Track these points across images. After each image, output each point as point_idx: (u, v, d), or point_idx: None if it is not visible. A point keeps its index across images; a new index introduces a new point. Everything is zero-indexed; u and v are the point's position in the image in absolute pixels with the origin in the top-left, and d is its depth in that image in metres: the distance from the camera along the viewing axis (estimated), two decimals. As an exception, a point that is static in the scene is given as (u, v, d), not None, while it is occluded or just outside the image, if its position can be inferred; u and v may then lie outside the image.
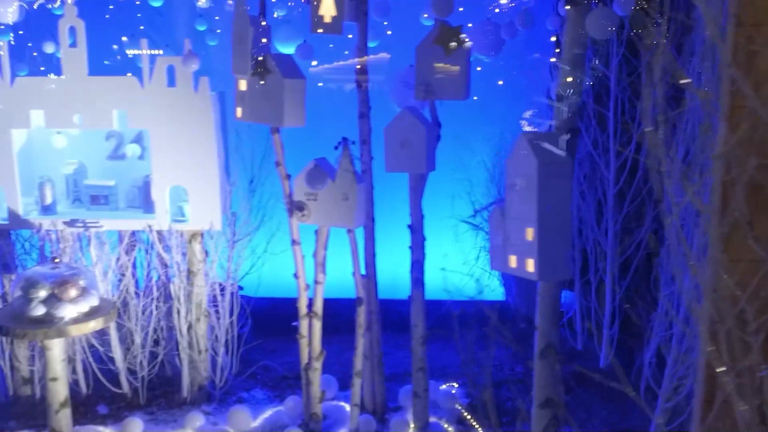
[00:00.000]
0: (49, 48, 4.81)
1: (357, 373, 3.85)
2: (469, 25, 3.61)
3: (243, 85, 3.57)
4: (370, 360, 4.17)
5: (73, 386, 4.31)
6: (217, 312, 4.40)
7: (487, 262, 5.55)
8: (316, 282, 3.82)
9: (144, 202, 4.32)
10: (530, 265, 2.76)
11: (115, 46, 5.28)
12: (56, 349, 3.61)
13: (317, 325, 3.86)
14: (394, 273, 4.52)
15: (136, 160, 4.44)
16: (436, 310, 5.45)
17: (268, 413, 4.19)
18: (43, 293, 3.52)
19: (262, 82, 3.36)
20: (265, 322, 5.00)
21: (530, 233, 2.74)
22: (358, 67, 3.78)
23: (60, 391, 3.66)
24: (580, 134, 4.29)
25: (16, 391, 4.41)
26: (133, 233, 4.43)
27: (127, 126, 4.10)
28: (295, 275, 3.89)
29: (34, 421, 4.20)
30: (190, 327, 4.33)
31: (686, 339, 3.66)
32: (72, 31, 3.95)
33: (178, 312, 4.29)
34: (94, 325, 3.60)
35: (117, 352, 4.35)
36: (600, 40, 4.18)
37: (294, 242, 3.85)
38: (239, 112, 3.64)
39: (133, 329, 4.31)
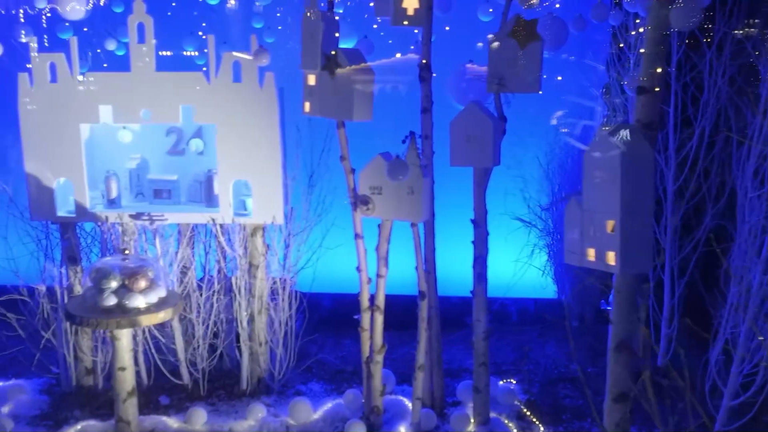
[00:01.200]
0: (110, 45, 4.92)
1: (420, 366, 3.86)
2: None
3: (312, 80, 3.61)
4: (430, 355, 4.17)
5: (135, 377, 4.37)
6: (275, 305, 4.44)
7: (536, 259, 5.55)
8: (378, 276, 3.85)
9: (206, 196, 4.38)
10: (611, 258, 2.75)
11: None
12: (125, 339, 3.68)
13: (379, 318, 3.88)
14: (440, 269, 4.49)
15: (195, 155, 4.50)
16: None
17: (327, 406, 4.22)
18: (114, 284, 3.60)
19: (335, 75, 3.39)
20: (318, 316, 5.04)
21: (612, 226, 2.73)
22: (424, 61, 3.79)
23: (127, 380, 3.73)
24: (660, 126, 4.24)
25: (79, 381, 4.50)
26: (193, 227, 4.50)
27: (193, 121, 4.16)
28: (358, 269, 3.92)
29: (98, 411, 4.29)
30: (250, 320, 4.38)
31: (755, 336, 3.63)
32: (140, 27, 4.02)
33: (239, 305, 4.35)
34: (164, 315, 3.66)
35: (179, 344, 4.41)
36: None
37: (357, 236, 3.88)
38: (307, 106, 3.68)
39: (194, 321, 4.37)
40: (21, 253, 4.37)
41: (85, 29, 4.58)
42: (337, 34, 3.41)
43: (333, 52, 3.39)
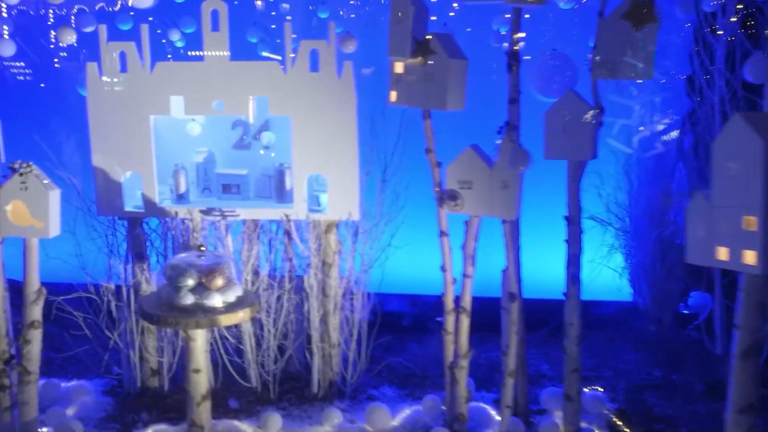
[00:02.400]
0: (174, 36, 4.78)
1: (510, 373, 3.65)
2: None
3: (399, 67, 3.42)
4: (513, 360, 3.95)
5: (203, 379, 4.22)
6: (349, 306, 4.26)
7: (611, 261, 5.29)
8: (464, 275, 3.64)
9: (277, 191, 4.20)
10: (750, 257, 2.51)
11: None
12: (200, 339, 3.51)
13: (465, 321, 3.67)
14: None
15: (261, 148, 4.33)
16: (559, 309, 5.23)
17: (406, 412, 4.02)
18: (191, 282, 3.42)
19: (429, 63, 3.19)
20: (384, 318, 4.83)
21: (751, 222, 2.49)
22: (516, 48, 3.57)
23: (202, 383, 3.55)
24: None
25: (144, 382, 4.35)
26: (257, 223, 4.32)
27: (269, 113, 3.98)
28: (443, 268, 3.72)
29: (166, 414, 4.13)
30: (322, 320, 4.20)
31: None
32: (214, 14, 3.85)
33: (312, 304, 4.16)
34: (242, 315, 3.48)
35: (248, 345, 4.24)
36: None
37: (442, 233, 3.68)
38: (394, 96, 3.48)
39: (265, 322, 4.20)
40: (88, 249, 4.23)
41: (150, 18, 4.42)
42: (433, 17, 3.19)
43: (431, 36, 3.18)
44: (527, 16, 4.51)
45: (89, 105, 4.02)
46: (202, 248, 3.57)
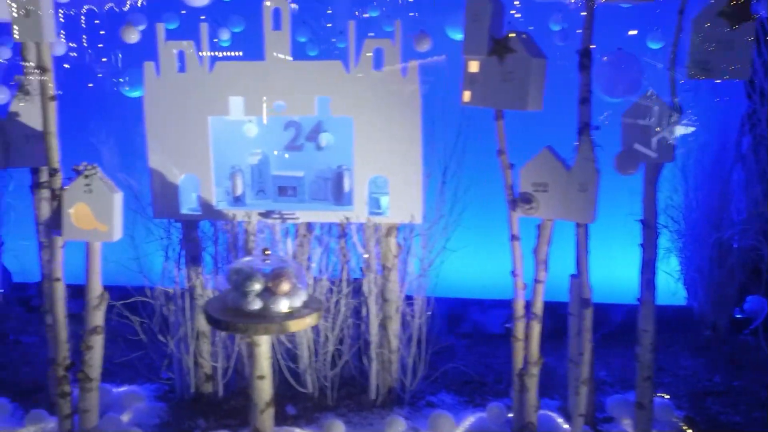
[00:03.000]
0: (224, 35, 4.69)
1: (584, 381, 3.54)
2: None
3: (474, 66, 3.32)
4: (581, 368, 3.86)
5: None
6: (409, 311, 4.17)
7: (666, 264, 5.19)
8: (536, 281, 3.55)
9: (334, 193, 4.11)
10: None
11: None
12: (265, 345, 3.42)
13: (536, 327, 3.58)
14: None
15: (314, 150, 4.24)
16: (612, 313, 5.14)
17: (470, 420, 3.93)
18: (258, 287, 3.34)
19: (507, 62, 3.09)
20: (440, 323, 4.75)
21: None
22: (589, 47, 3.47)
23: (266, 389, 3.47)
24: None
25: (198, 388, 4.26)
26: (310, 226, 4.23)
27: (330, 113, 3.89)
28: (513, 273, 3.62)
29: (222, 420, 4.05)
30: (381, 325, 4.11)
31: None
32: (276, 12, 3.76)
33: (370, 309, 4.07)
34: (310, 321, 3.39)
35: (305, 350, 4.16)
36: None
37: (513, 237, 3.58)
38: (467, 96, 3.39)
39: (323, 327, 4.11)
40: (144, 252, 4.14)
41: (203, 17, 4.32)
42: (519, 15, 3.10)
43: (512, 34, 3.09)
44: (583, 14, 4.43)
45: (146, 106, 3.94)
46: (267, 252, 3.48)
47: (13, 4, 3.01)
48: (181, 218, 4.09)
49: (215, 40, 4.50)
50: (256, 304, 3.30)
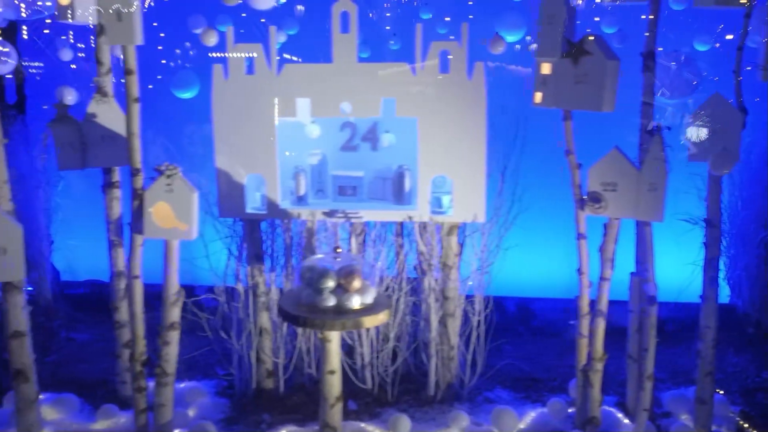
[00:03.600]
0: (280, 38, 4.77)
1: (648, 376, 3.63)
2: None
3: (546, 68, 3.41)
4: (639, 363, 3.94)
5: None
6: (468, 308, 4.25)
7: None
8: (602, 278, 3.62)
9: (395, 193, 4.19)
10: None
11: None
12: (335, 341, 3.50)
13: (601, 324, 3.65)
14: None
15: (369, 150, 4.32)
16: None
17: (531, 415, 4.01)
18: (331, 284, 3.42)
19: (581, 64, 3.18)
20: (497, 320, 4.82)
21: None
22: (653, 49, 3.55)
23: (336, 384, 3.55)
24: None
25: (259, 384, 4.35)
26: (366, 226, 4.32)
27: (396, 114, 3.97)
28: (579, 271, 3.70)
29: (286, 414, 4.13)
30: (441, 322, 4.19)
31: None
32: (344, 15, 3.85)
33: (431, 307, 4.15)
34: (382, 317, 3.46)
35: (366, 346, 4.24)
36: None
37: (580, 236, 3.66)
38: (539, 97, 3.48)
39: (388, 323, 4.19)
40: (211, 251, 4.22)
41: (263, 20, 4.40)
42: (597, 18, 3.18)
43: (590, 36, 3.18)
44: (644, 17, 4.51)
45: (214, 107, 4.02)
46: (339, 250, 3.56)
47: (104, 9, 3.09)
48: (247, 217, 4.17)
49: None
50: (331, 301, 3.38)
